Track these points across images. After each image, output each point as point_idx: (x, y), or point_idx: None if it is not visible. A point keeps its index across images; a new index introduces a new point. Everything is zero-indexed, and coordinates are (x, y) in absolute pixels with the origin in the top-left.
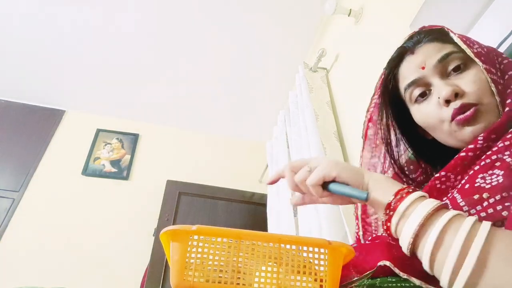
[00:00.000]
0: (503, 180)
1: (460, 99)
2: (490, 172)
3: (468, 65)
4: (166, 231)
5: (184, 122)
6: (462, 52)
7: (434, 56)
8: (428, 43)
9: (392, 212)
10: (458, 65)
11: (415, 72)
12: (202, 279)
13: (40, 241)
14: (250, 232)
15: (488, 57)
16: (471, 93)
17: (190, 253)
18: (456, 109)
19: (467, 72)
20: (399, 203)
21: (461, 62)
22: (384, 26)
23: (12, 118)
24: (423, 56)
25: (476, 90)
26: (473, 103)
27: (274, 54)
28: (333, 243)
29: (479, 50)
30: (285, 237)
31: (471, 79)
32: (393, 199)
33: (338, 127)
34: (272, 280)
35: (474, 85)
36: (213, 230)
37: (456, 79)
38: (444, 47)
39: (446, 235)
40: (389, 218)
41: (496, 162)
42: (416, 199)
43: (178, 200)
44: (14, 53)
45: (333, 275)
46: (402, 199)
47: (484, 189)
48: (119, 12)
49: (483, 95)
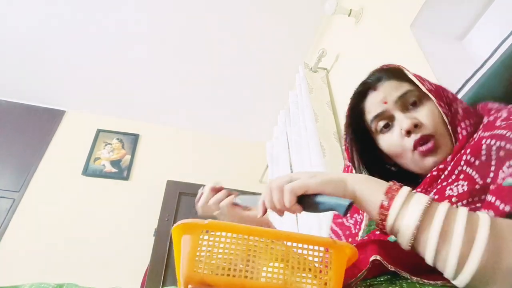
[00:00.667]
0: (467, 188)
1: (419, 130)
2: (456, 184)
3: (422, 100)
4: (179, 224)
5: (184, 122)
6: (417, 89)
7: (394, 93)
8: (388, 81)
9: (387, 211)
10: (415, 101)
11: (379, 106)
12: (212, 271)
13: (40, 241)
14: (259, 229)
15: (438, 93)
16: (428, 125)
17: (201, 246)
18: (416, 140)
19: (422, 107)
20: (392, 201)
21: (416, 98)
22: (384, 26)
23: (12, 118)
24: (384, 93)
25: (432, 122)
26: (431, 134)
27: (274, 54)
28: (338, 242)
29: (430, 87)
30: (293, 234)
31: (426, 113)
32: (385, 199)
33: (338, 128)
34: (278, 275)
35: (430, 118)
36: (224, 225)
37: (415, 113)
38: (401, 85)
39: (449, 225)
40: (385, 217)
41: (460, 175)
42: (407, 195)
43: (178, 200)
44: (14, 53)
45: (337, 274)
46: (394, 197)
47: (452, 196)
48: (120, 12)
49: (438, 126)
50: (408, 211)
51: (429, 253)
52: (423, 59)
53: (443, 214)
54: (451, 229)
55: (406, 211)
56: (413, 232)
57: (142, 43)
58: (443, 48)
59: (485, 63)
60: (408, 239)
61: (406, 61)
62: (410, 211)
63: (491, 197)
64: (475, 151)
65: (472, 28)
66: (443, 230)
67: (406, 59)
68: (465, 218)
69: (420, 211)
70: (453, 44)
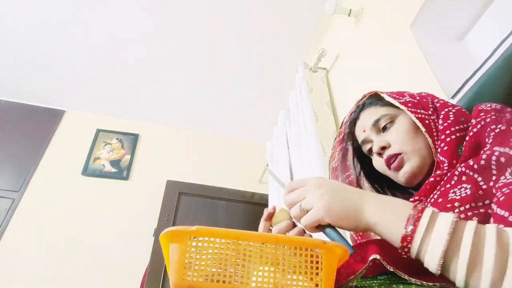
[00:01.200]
0: (470, 192)
1: (387, 151)
2: (459, 186)
3: (394, 121)
4: (166, 232)
5: (184, 122)
6: (393, 109)
7: (369, 120)
8: (367, 109)
9: (410, 244)
10: (385, 125)
11: (361, 134)
12: (201, 278)
13: (39, 241)
14: (248, 233)
15: (417, 103)
16: (395, 144)
17: (190, 253)
18: (385, 160)
19: (393, 128)
20: (414, 234)
21: (387, 122)
22: (384, 26)
23: (12, 118)
24: (363, 121)
25: (399, 140)
26: (397, 153)
27: (274, 54)
28: (328, 243)
29: (407, 100)
30: (282, 237)
31: (395, 132)
32: (406, 231)
33: (338, 128)
34: (269, 279)
35: (397, 137)
36: (212, 230)
37: (386, 135)
38: (377, 111)
39: (478, 247)
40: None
41: (462, 177)
42: (428, 222)
43: (178, 200)
44: (14, 53)
45: (328, 275)
46: (416, 228)
47: (455, 200)
48: (119, 12)
49: (405, 141)
50: (433, 236)
51: (460, 277)
52: (423, 59)
53: (470, 238)
54: (481, 252)
55: (430, 237)
56: (440, 260)
57: (142, 43)
58: (443, 48)
59: (485, 63)
60: (436, 267)
61: (406, 61)
62: (434, 237)
63: (502, 211)
64: (478, 160)
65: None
66: (471, 257)
67: (406, 59)
68: (495, 240)
69: (446, 236)
70: (453, 44)
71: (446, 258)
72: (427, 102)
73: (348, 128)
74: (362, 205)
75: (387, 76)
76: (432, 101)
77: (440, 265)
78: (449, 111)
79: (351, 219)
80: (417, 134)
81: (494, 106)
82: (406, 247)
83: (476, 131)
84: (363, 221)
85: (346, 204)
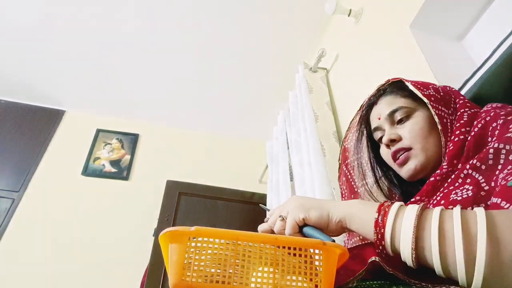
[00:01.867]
0: (472, 194)
1: (397, 144)
2: (461, 188)
3: (411, 116)
4: (165, 232)
5: (184, 122)
6: (412, 102)
7: (386, 110)
8: (386, 96)
9: (383, 228)
10: (401, 118)
11: (375, 121)
12: (200, 279)
13: (40, 241)
14: (247, 233)
15: (440, 98)
16: (406, 139)
17: (189, 254)
18: (393, 152)
19: (408, 122)
20: (386, 217)
21: (404, 115)
22: (384, 26)
23: (12, 118)
24: (380, 109)
25: (410, 137)
26: (406, 147)
27: (274, 54)
28: (328, 243)
29: (431, 93)
30: (281, 238)
31: (408, 127)
32: (377, 216)
33: (338, 127)
34: (268, 280)
35: (409, 133)
36: (211, 231)
37: (399, 128)
38: (395, 101)
39: (445, 226)
40: (382, 235)
41: (467, 179)
42: (398, 208)
43: (178, 200)
44: (14, 53)
45: (327, 276)
46: (387, 213)
47: (457, 201)
48: (120, 12)
49: (416, 138)
50: (403, 221)
51: (436, 260)
52: (423, 59)
53: (437, 217)
54: (449, 229)
55: (400, 222)
56: (412, 243)
57: (142, 43)
58: (443, 48)
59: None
60: (410, 252)
61: (406, 61)
62: (404, 221)
63: (496, 199)
64: (483, 157)
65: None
66: (441, 233)
67: (406, 59)
68: (459, 216)
69: (413, 218)
70: (453, 44)
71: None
72: (450, 100)
73: (365, 111)
74: (332, 203)
75: (387, 76)
76: (454, 99)
77: (413, 250)
78: (464, 112)
79: (324, 209)
80: (431, 133)
81: (495, 105)
82: (379, 233)
83: (477, 130)
84: (335, 212)
85: (317, 201)
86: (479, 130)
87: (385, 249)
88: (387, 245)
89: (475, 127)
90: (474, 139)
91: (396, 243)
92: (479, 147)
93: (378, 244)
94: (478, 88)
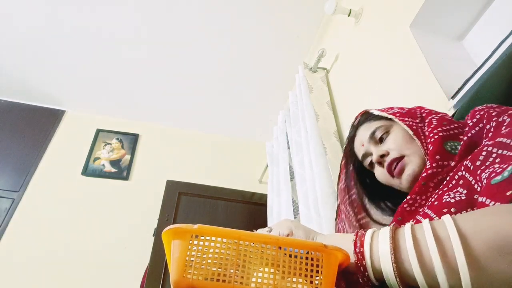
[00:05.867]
0: (465, 198)
1: (387, 157)
2: (455, 190)
3: (390, 130)
4: (168, 229)
5: (184, 122)
6: (387, 120)
7: (366, 134)
8: (361, 126)
9: (362, 247)
10: (381, 136)
11: (361, 149)
12: (201, 277)
13: (40, 241)
14: (249, 233)
15: (405, 113)
16: (394, 149)
17: (191, 251)
18: (387, 166)
19: (389, 137)
20: (363, 238)
21: (383, 132)
22: (384, 26)
23: (12, 118)
24: (360, 136)
25: (396, 146)
26: (397, 157)
27: (274, 54)
28: (329, 247)
29: (395, 111)
30: (283, 239)
31: (392, 140)
32: (356, 238)
33: (338, 127)
34: (269, 281)
35: (394, 143)
36: (214, 230)
37: (384, 145)
38: (371, 125)
39: (419, 238)
40: (362, 256)
41: (460, 181)
42: (373, 232)
43: (178, 200)
44: (14, 53)
45: (328, 279)
46: (363, 236)
47: (451, 203)
48: (120, 13)
49: (403, 147)
50: (379, 243)
51: (417, 273)
52: (423, 59)
53: (409, 232)
54: (423, 240)
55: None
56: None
57: (142, 43)
58: (443, 48)
59: (485, 63)
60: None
61: (406, 61)
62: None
63: (482, 198)
64: (474, 158)
65: (472, 28)
66: (416, 245)
67: (406, 59)
68: (429, 227)
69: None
70: (453, 44)
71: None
72: (415, 112)
73: (349, 147)
74: (320, 233)
75: (387, 76)
76: (420, 111)
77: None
78: (432, 118)
79: (311, 234)
80: (412, 140)
81: (490, 105)
82: (360, 253)
83: (474, 132)
84: (319, 240)
85: (307, 227)
86: (476, 131)
87: (366, 270)
88: (368, 266)
89: (471, 128)
90: (468, 140)
91: (376, 261)
92: (472, 148)
93: (359, 268)
94: (478, 88)
